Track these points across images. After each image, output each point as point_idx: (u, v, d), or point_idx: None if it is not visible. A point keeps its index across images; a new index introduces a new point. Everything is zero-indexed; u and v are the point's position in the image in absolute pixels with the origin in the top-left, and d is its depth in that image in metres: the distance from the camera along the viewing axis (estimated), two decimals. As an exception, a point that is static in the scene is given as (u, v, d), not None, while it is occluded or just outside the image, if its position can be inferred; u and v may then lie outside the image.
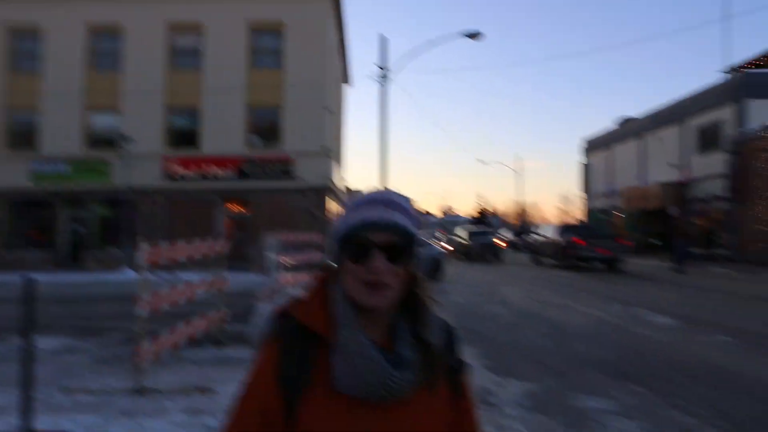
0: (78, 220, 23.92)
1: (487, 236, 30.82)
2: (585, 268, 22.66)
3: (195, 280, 7.73)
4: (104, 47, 24.04)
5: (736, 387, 5.97)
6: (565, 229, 24.27)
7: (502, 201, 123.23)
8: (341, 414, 1.07)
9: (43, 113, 23.49)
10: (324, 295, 1.17)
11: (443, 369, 1.17)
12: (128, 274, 19.30)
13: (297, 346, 1.12)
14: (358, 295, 1.11)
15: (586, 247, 21.52)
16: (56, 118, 23.32)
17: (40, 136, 23.70)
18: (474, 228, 41.71)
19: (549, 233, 25.40)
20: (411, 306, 1.18)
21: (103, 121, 24.09)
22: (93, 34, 23.97)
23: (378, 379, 1.07)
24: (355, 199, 1.18)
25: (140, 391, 5.58)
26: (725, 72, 28.83)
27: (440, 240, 37.65)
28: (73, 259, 23.69)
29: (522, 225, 56.84)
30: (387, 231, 1.11)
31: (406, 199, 1.19)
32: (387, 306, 1.13)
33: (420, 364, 1.13)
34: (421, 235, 1.21)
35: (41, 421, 4.77)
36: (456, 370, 1.22)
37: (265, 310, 1.21)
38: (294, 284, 14.35)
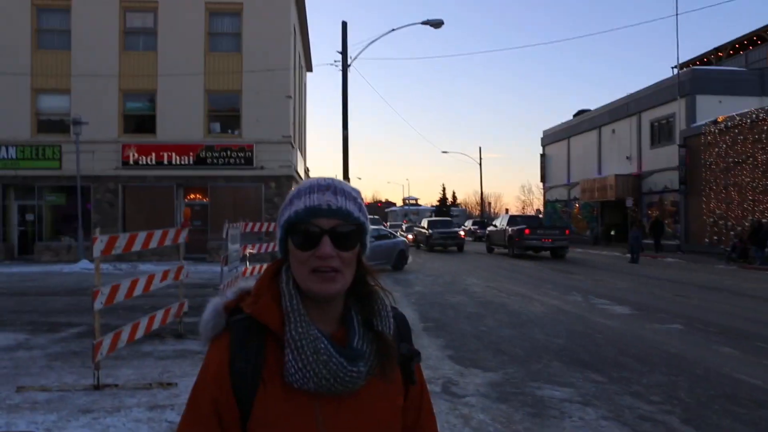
0: (28, 209, 22.96)
1: (448, 226, 31.14)
2: (539, 257, 23.30)
3: (153, 271, 7.55)
4: (52, 25, 22.98)
5: (690, 374, 6.22)
6: (514, 219, 25.83)
7: (464, 191, 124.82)
8: (294, 407, 1.07)
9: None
10: (274, 287, 1.14)
11: (395, 358, 1.16)
12: (83, 266, 18.72)
13: (248, 340, 1.10)
14: (308, 284, 1.09)
15: (532, 237, 23.30)
16: (1, 99, 22.24)
17: (-17, 119, 22.54)
18: (435, 218, 42.04)
19: (500, 223, 26.79)
20: (362, 295, 1.17)
21: (52, 103, 23.09)
22: (39, 10, 22.89)
23: (331, 372, 1.05)
24: (301, 186, 1.15)
25: (99, 387, 5.43)
26: (675, 68, 29.76)
27: (402, 229, 37.83)
28: (24, 250, 22.78)
29: (482, 215, 57.64)
30: (334, 217, 1.08)
31: (354, 189, 1.17)
32: (337, 294, 1.12)
33: (373, 355, 1.12)
34: (382, 224, 1.20)
35: (-6, 421, 4.60)
36: (408, 358, 1.20)
37: (214, 303, 1.15)
38: (254, 275, 14.21)
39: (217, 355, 1.10)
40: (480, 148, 68.46)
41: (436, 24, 20.15)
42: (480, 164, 51.44)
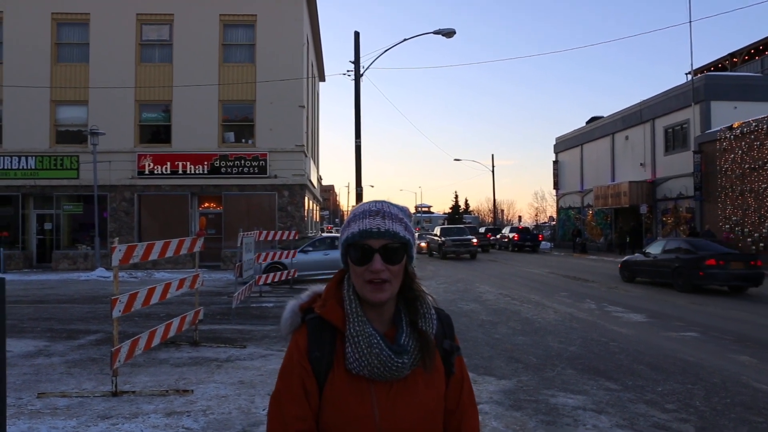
0: (46, 218, 23.34)
1: (461, 233, 31.07)
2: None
3: (168, 279, 7.65)
4: (71, 38, 23.44)
5: (706, 382, 6.17)
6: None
7: (477, 198, 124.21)
8: (355, 388, 1.32)
9: (6, 105, 22.82)
10: (339, 292, 1.40)
11: (435, 352, 1.38)
12: (99, 273, 18.96)
13: (321, 334, 1.36)
14: (364, 292, 1.34)
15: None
16: (20, 110, 22.69)
17: (2, 130, 22.96)
18: (448, 225, 42.01)
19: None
20: (408, 299, 1.40)
21: (70, 114, 23.51)
22: (59, 24, 23.36)
23: (382, 363, 1.30)
24: (356, 210, 1.40)
25: (117, 394, 5.52)
26: (689, 74, 29.57)
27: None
28: (42, 258, 23.14)
29: (495, 223, 57.43)
30: (383, 237, 1.31)
31: (401, 209, 1.41)
32: (386, 301, 1.35)
33: (416, 350, 1.35)
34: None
35: (17, 427, 4.69)
36: (449, 352, 1.44)
37: (291, 304, 1.37)
38: (269, 281, 14.29)
39: (299, 344, 1.37)
40: (492, 156, 68.19)
41: (448, 33, 20.22)
42: (492, 171, 51.34)
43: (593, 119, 39.52)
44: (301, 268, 15.60)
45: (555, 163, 43.93)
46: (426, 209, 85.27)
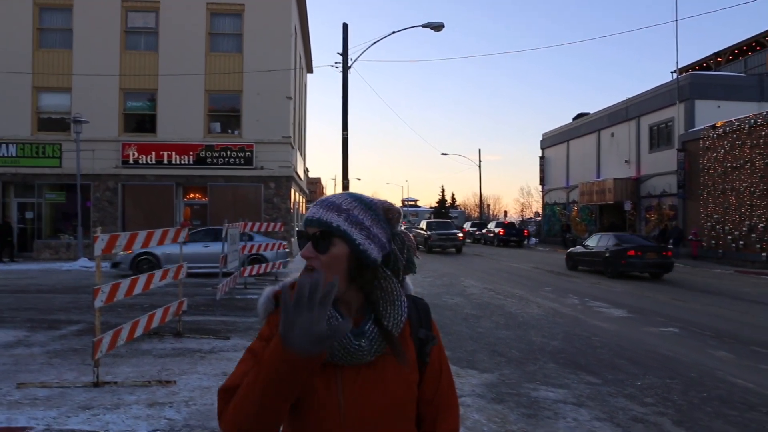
0: (27, 207, 23.00)
1: (447, 228, 31.18)
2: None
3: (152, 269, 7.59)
4: (54, 24, 23.02)
5: (684, 377, 6.28)
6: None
7: (464, 193, 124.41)
8: (321, 373, 1.31)
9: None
10: None
11: (402, 347, 1.36)
12: (82, 263, 18.76)
13: None
14: None
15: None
16: (1, 97, 22.24)
17: (-17, 116, 22.56)
18: (434, 219, 42.14)
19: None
20: (368, 295, 1.39)
21: (53, 102, 23.13)
22: (42, 9, 22.94)
23: (342, 345, 1.29)
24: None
25: (98, 385, 5.48)
26: (674, 72, 29.87)
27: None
28: (23, 248, 22.81)
29: (481, 217, 57.69)
30: (314, 226, 1.34)
31: (368, 203, 1.40)
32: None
33: (378, 337, 1.33)
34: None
35: (-5, 416, 4.65)
36: (424, 341, 1.42)
37: (267, 291, 1.41)
38: (253, 273, 14.25)
39: (270, 326, 1.40)
40: (479, 150, 68.35)
41: (437, 27, 20.19)
42: (479, 166, 51.53)
43: (580, 115, 39.78)
44: (178, 260, 14.27)
45: (541, 158, 44.18)
46: (413, 203, 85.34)
